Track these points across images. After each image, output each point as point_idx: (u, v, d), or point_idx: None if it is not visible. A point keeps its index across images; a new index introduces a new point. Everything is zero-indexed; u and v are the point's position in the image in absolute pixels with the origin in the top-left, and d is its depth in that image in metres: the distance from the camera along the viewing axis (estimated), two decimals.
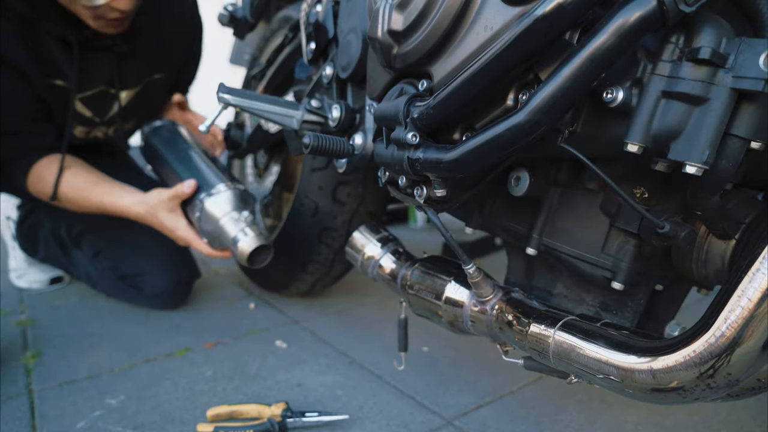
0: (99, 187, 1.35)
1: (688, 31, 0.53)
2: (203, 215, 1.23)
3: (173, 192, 1.25)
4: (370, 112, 0.93)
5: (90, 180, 1.37)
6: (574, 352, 0.63)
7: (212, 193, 1.23)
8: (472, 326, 0.80)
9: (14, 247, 1.73)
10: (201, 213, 1.23)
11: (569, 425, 1.01)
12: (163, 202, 1.26)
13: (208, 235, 1.24)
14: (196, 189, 1.26)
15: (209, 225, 1.23)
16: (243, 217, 1.20)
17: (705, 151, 0.52)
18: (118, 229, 1.49)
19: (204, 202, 1.22)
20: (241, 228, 1.19)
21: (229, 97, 1.07)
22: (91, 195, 1.34)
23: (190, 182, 1.25)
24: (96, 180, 1.37)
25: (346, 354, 1.28)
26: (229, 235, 1.20)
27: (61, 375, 1.16)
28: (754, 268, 0.49)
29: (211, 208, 1.22)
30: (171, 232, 1.28)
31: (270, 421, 0.95)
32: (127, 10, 1.23)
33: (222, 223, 1.21)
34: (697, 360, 0.52)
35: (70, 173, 1.36)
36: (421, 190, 0.76)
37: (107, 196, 1.33)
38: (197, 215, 1.24)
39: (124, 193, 1.33)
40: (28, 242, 1.69)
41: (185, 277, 1.54)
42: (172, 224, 1.27)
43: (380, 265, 1.00)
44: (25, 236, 1.70)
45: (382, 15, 0.76)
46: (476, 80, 0.61)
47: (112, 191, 1.34)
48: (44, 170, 1.35)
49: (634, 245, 0.71)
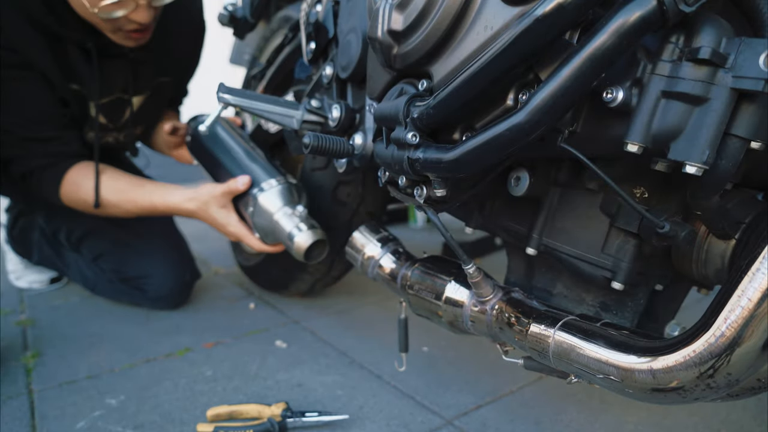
0: (144, 188, 1.33)
1: (688, 31, 0.53)
2: (257, 210, 1.21)
3: (226, 188, 1.23)
4: (370, 112, 0.93)
5: (132, 182, 1.35)
6: (574, 352, 0.63)
7: (265, 189, 1.21)
8: (472, 326, 0.80)
9: (9, 249, 1.73)
10: (254, 208, 1.21)
11: (569, 425, 1.01)
12: (215, 197, 1.24)
13: (261, 230, 1.23)
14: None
15: (263, 220, 1.21)
16: (297, 212, 1.19)
17: (705, 151, 0.52)
18: (121, 232, 1.50)
19: (257, 198, 1.21)
20: (296, 224, 1.17)
21: (229, 97, 1.07)
22: (137, 197, 1.32)
23: (243, 178, 1.23)
24: (138, 181, 1.36)
25: (346, 354, 1.28)
26: (285, 230, 1.18)
27: (61, 375, 1.16)
28: (754, 267, 0.49)
29: (264, 204, 1.20)
30: (222, 227, 1.27)
31: (270, 421, 0.95)
32: (145, 22, 1.22)
33: (276, 218, 1.19)
34: (697, 360, 0.52)
35: (108, 178, 1.34)
36: (421, 190, 0.76)
37: (155, 195, 1.31)
38: (250, 210, 1.22)
39: (173, 191, 1.31)
40: (21, 246, 1.68)
41: (188, 279, 1.54)
42: (223, 220, 1.25)
43: (380, 265, 1.00)
44: (16, 240, 1.69)
45: (382, 15, 0.76)
46: (476, 80, 0.61)
47: (158, 191, 1.32)
48: (79, 178, 1.32)
49: (634, 245, 0.71)
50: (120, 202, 1.33)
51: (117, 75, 1.40)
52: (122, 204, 1.33)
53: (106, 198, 1.32)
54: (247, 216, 1.24)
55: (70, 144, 1.35)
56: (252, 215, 1.22)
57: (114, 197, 1.33)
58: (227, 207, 1.26)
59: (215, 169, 1.35)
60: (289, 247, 1.19)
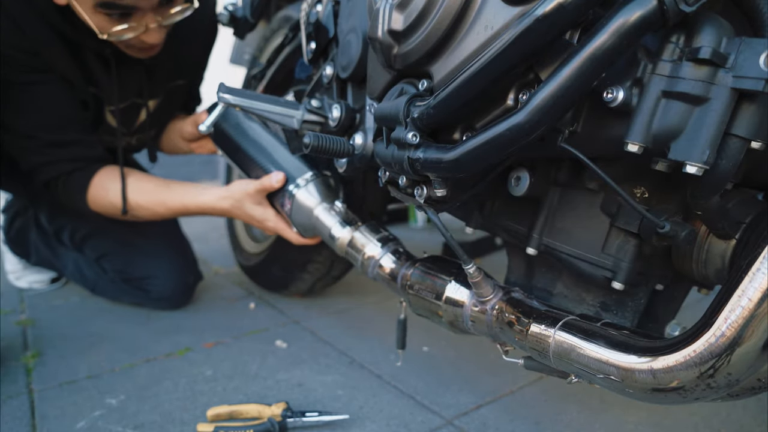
0: (173, 189, 1.31)
1: (688, 31, 0.53)
2: (294, 207, 1.17)
3: (259, 185, 1.19)
4: (371, 112, 0.93)
5: (160, 184, 1.33)
6: (574, 352, 0.63)
7: (301, 185, 1.16)
8: (472, 326, 0.80)
9: (6, 249, 1.72)
10: (292, 204, 1.17)
11: (569, 425, 1.01)
12: (249, 195, 1.21)
13: (300, 227, 1.19)
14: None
15: (302, 217, 1.17)
16: (336, 207, 1.14)
17: (705, 151, 0.52)
18: (126, 232, 1.49)
19: (295, 195, 1.16)
20: (336, 220, 1.12)
21: (229, 96, 1.07)
22: (167, 199, 1.30)
23: (278, 176, 1.17)
24: (165, 183, 1.33)
25: (346, 354, 1.28)
26: (326, 227, 1.13)
27: (61, 375, 1.16)
28: (755, 267, 0.49)
29: (303, 200, 1.16)
30: (261, 223, 1.24)
31: (270, 421, 0.95)
32: (157, 43, 1.22)
33: (316, 214, 1.15)
34: (697, 360, 0.52)
35: (136, 180, 1.32)
36: (421, 189, 0.76)
37: (186, 196, 1.29)
38: (287, 207, 1.18)
39: (204, 191, 1.29)
40: (19, 247, 1.68)
41: (191, 281, 1.55)
42: (261, 215, 1.23)
43: (380, 264, 1.00)
44: (14, 241, 1.68)
45: (382, 15, 0.76)
46: (476, 80, 0.61)
47: (189, 191, 1.30)
48: (107, 182, 1.30)
49: (635, 245, 0.70)
50: (149, 204, 1.30)
51: (133, 81, 1.39)
52: (152, 206, 1.31)
53: (135, 201, 1.30)
54: (284, 212, 1.20)
55: (93, 148, 1.33)
56: (290, 212, 1.18)
57: (143, 199, 1.30)
58: (263, 203, 1.23)
59: (244, 161, 1.29)
60: (331, 244, 1.15)
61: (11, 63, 1.18)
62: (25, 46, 1.18)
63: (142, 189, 1.31)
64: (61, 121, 1.28)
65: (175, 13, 1.20)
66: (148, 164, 1.72)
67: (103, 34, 1.15)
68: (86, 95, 1.32)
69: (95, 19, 1.13)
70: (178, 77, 1.51)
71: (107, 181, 1.31)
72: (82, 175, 1.31)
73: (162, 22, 1.19)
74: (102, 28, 1.14)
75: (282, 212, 1.21)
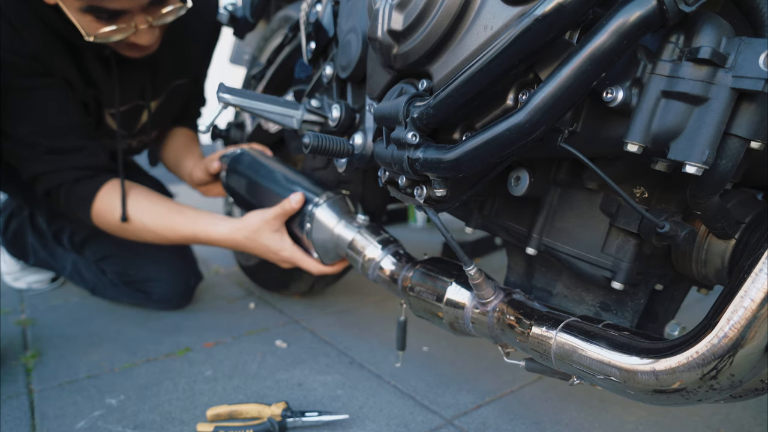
0: (187, 217, 1.25)
1: (688, 31, 0.53)
2: (315, 226, 1.13)
3: (279, 209, 1.15)
4: (370, 112, 0.93)
5: (173, 209, 1.27)
6: (576, 354, 0.63)
7: (320, 203, 1.13)
8: (473, 328, 0.80)
9: (3, 251, 1.71)
10: (312, 224, 1.13)
11: (569, 425, 1.01)
12: (267, 222, 1.16)
13: (322, 247, 1.14)
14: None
15: (323, 235, 1.13)
16: (358, 221, 1.11)
17: (705, 151, 0.52)
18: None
19: (314, 213, 1.12)
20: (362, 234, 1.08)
21: (229, 96, 1.07)
22: (177, 224, 1.24)
23: (296, 196, 1.14)
24: (179, 208, 1.27)
25: (346, 354, 1.28)
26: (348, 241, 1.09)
27: (61, 375, 1.16)
28: (757, 268, 0.49)
29: (323, 218, 1.12)
30: (276, 253, 1.18)
31: (270, 421, 0.95)
32: (148, 44, 1.18)
33: (337, 232, 1.11)
34: (699, 361, 0.51)
35: (146, 201, 1.27)
36: (421, 189, 0.76)
37: (199, 225, 1.23)
38: (307, 227, 1.13)
39: (218, 222, 1.23)
40: (16, 249, 1.66)
41: (192, 282, 1.54)
42: (277, 245, 1.17)
43: (381, 267, 1.00)
44: (11, 243, 1.67)
45: (382, 15, 0.76)
46: (476, 80, 0.61)
47: (202, 220, 1.24)
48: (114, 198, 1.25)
49: (634, 245, 0.71)
50: (158, 228, 1.25)
51: (136, 81, 1.36)
52: (160, 230, 1.25)
53: (143, 222, 1.25)
54: (304, 236, 1.16)
55: (97, 155, 1.29)
56: (310, 232, 1.13)
57: (153, 223, 1.25)
58: (280, 230, 1.17)
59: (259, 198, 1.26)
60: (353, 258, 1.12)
61: (9, 67, 1.15)
62: (23, 49, 1.15)
63: (154, 212, 1.26)
64: (62, 127, 1.24)
65: (166, 13, 1.15)
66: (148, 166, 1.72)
67: (89, 36, 1.10)
68: (86, 98, 1.29)
69: (82, 21, 1.09)
70: (180, 76, 1.50)
71: (114, 197, 1.25)
72: (87, 186, 1.26)
73: (153, 22, 1.14)
74: (89, 29, 1.10)
75: (302, 237, 1.17)
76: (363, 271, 1.04)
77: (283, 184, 1.21)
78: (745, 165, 0.59)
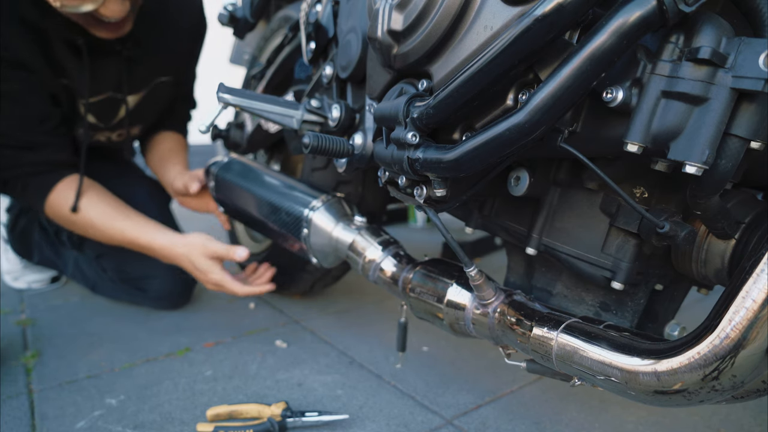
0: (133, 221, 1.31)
1: (687, 31, 0.53)
2: (312, 231, 1.12)
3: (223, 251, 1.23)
4: (370, 112, 0.93)
5: (123, 212, 1.31)
6: (577, 355, 0.63)
7: (316, 207, 1.12)
8: (474, 329, 0.80)
9: (6, 249, 1.71)
10: (309, 229, 1.12)
11: (569, 425, 1.01)
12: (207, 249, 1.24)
13: (320, 252, 1.14)
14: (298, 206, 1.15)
15: (320, 239, 1.12)
16: (356, 223, 1.11)
17: (705, 151, 0.52)
18: None
19: (311, 218, 1.12)
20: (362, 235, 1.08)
21: (228, 96, 1.07)
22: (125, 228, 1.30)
23: (242, 252, 1.22)
24: (128, 213, 1.32)
25: (346, 354, 1.28)
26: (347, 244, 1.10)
27: (61, 375, 1.16)
28: (759, 269, 0.49)
29: (319, 222, 1.12)
30: (204, 274, 1.26)
31: (270, 421, 0.95)
32: (117, 17, 1.17)
33: (335, 235, 1.11)
34: (701, 362, 0.51)
35: (98, 199, 1.31)
36: (421, 189, 0.76)
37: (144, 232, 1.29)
38: (305, 232, 1.14)
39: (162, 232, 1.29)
40: (22, 246, 1.67)
41: (189, 280, 1.54)
42: (205, 267, 1.25)
43: (381, 268, 1.00)
44: (17, 240, 1.68)
45: (382, 15, 0.76)
46: (476, 80, 0.61)
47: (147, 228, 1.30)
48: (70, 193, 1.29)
49: (634, 245, 0.71)
50: (104, 227, 1.30)
51: (109, 73, 1.37)
52: (105, 229, 1.31)
53: (90, 217, 1.30)
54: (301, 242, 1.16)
55: (61, 152, 1.32)
56: (308, 237, 1.13)
57: (99, 220, 1.30)
58: (213, 259, 1.25)
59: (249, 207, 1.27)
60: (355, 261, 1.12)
61: None
62: None
63: (103, 210, 1.30)
64: (28, 121, 1.25)
65: None
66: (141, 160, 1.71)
67: (56, 2, 1.09)
68: (56, 88, 1.29)
69: None
70: (163, 73, 1.50)
71: (70, 192, 1.29)
72: (44, 180, 1.29)
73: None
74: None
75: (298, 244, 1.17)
76: (363, 273, 1.04)
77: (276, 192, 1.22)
78: (745, 165, 0.59)
